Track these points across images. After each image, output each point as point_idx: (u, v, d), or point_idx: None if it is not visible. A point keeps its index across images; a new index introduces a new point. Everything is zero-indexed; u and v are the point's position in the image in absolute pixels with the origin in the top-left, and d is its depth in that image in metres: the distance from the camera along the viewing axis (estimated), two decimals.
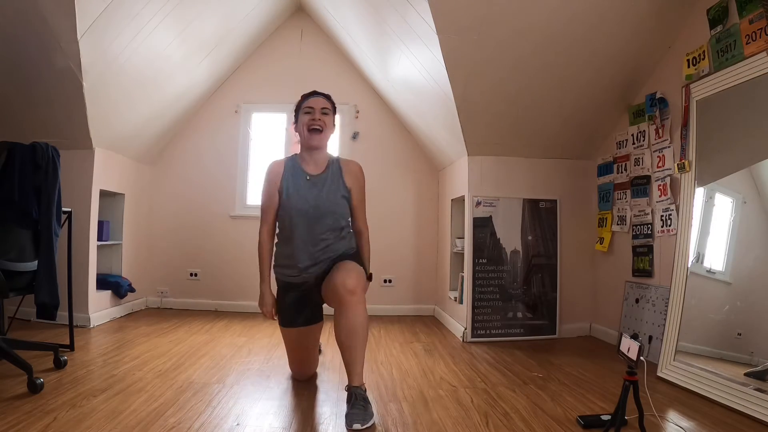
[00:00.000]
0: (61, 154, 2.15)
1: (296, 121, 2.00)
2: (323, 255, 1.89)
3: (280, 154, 4.12)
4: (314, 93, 1.98)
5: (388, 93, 3.94)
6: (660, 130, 2.65)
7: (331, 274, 1.80)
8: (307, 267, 1.89)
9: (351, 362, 1.71)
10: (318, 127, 1.90)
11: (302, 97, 2.02)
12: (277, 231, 2.00)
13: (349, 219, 2.01)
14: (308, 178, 1.93)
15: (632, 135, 2.91)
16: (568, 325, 3.22)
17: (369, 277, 1.95)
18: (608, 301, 3.10)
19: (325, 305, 2.00)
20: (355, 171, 1.99)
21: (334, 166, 1.98)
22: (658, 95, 2.65)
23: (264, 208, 1.99)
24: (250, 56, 4.13)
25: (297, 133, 2.00)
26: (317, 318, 2.02)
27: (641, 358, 1.49)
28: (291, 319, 1.98)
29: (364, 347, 1.73)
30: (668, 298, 2.37)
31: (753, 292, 2.04)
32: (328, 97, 2.00)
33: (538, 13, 2.35)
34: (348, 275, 1.72)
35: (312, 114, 1.91)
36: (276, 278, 2.02)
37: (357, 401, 1.64)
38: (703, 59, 2.32)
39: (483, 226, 3.15)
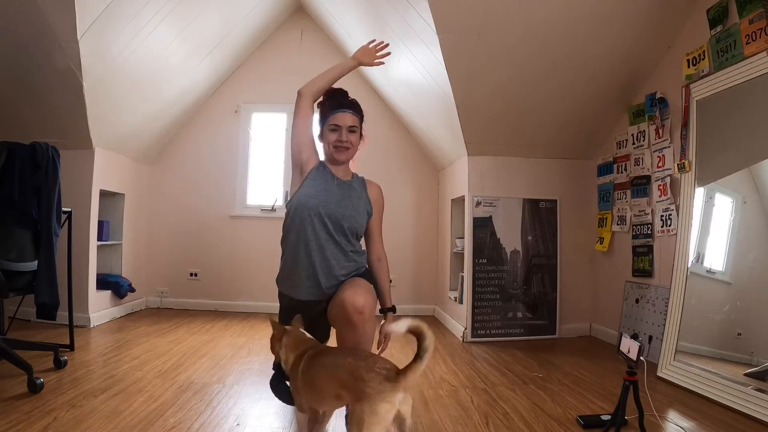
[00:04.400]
0: (61, 154, 2.15)
1: (321, 131, 1.81)
2: (341, 264, 1.70)
3: (280, 154, 4.12)
4: (341, 104, 1.78)
5: (388, 93, 3.94)
6: (660, 130, 2.65)
7: (339, 290, 1.65)
8: (323, 281, 1.68)
9: None
10: (346, 147, 1.76)
11: (325, 96, 1.82)
12: (286, 237, 1.78)
13: (361, 237, 1.83)
14: (336, 181, 1.78)
15: (632, 135, 2.91)
16: (568, 325, 3.22)
17: (393, 310, 1.79)
18: (608, 301, 3.10)
19: None
20: (377, 191, 1.88)
21: (359, 179, 1.87)
22: (658, 95, 2.65)
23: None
24: (250, 56, 4.13)
25: (321, 143, 1.82)
26: (324, 339, 1.84)
27: (641, 358, 1.50)
28: None
29: None
30: (668, 298, 2.37)
31: (753, 292, 2.04)
32: (355, 108, 1.80)
33: (539, 13, 2.35)
34: (357, 292, 1.57)
35: (339, 134, 1.74)
36: (281, 297, 1.82)
37: None
38: (703, 59, 2.32)
39: (483, 226, 3.15)
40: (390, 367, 1.22)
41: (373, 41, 1.91)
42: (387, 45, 1.91)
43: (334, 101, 1.80)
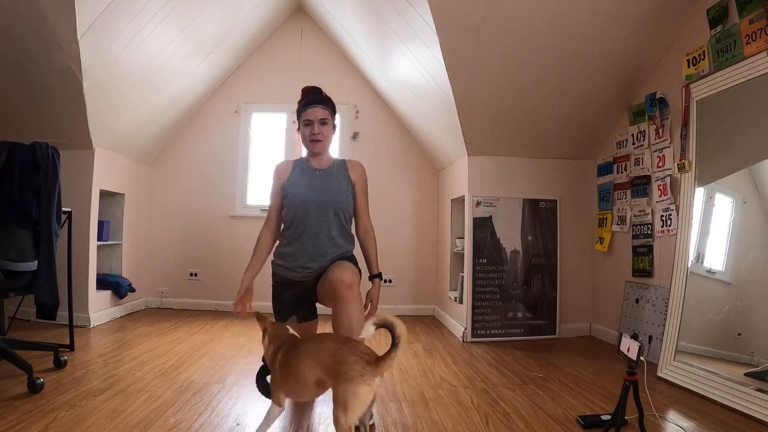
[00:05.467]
0: (61, 154, 2.15)
1: (298, 127, 2.00)
2: (328, 252, 1.88)
3: (280, 154, 4.12)
4: (311, 101, 1.94)
5: (388, 93, 3.94)
6: (660, 130, 2.65)
7: (327, 272, 1.83)
8: (313, 265, 1.87)
9: None
10: (318, 140, 1.92)
11: (302, 95, 1.99)
12: (282, 229, 1.98)
13: (352, 218, 2.00)
14: (317, 172, 1.96)
15: (632, 135, 2.91)
16: (568, 325, 3.22)
17: (379, 276, 1.95)
18: (608, 301, 3.10)
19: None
20: (359, 168, 2.03)
21: (339, 163, 2.02)
22: (658, 95, 2.65)
23: (270, 207, 2.01)
24: (250, 56, 4.13)
25: (300, 137, 2.01)
26: (313, 315, 2.03)
27: (641, 358, 1.50)
28: (289, 316, 1.97)
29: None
30: (668, 298, 2.37)
31: (753, 292, 2.04)
32: (326, 102, 1.97)
33: (539, 13, 2.35)
34: (344, 272, 1.74)
35: (311, 127, 1.92)
36: (274, 274, 2.01)
37: None
38: (703, 59, 2.32)
39: (483, 226, 3.15)
40: (369, 353, 1.32)
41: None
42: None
43: (307, 99, 1.97)
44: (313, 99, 1.95)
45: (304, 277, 1.90)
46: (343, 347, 1.34)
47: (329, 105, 1.98)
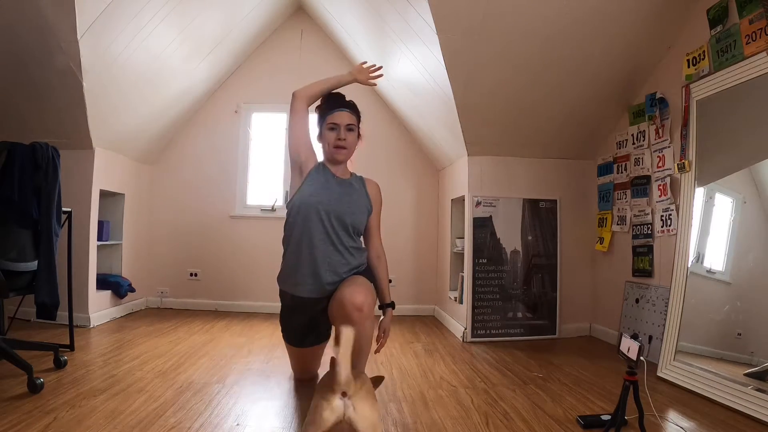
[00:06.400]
0: (61, 154, 2.15)
1: (320, 132, 1.87)
2: (342, 267, 1.74)
3: (280, 154, 4.12)
4: (338, 104, 1.84)
5: (388, 93, 3.94)
6: (660, 130, 2.65)
7: (338, 288, 1.69)
8: (328, 277, 1.72)
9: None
10: (343, 147, 1.81)
11: (325, 101, 1.88)
12: (284, 235, 1.83)
13: (360, 235, 1.88)
14: (336, 180, 1.84)
15: (632, 135, 2.91)
16: (568, 325, 3.22)
17: (392, 306, 1.85)
18: (608, 301, 3.10)
19: None
20: (376, 188, 1.94)
21: (358, 178, 1.93)
22: (658, 95, 2.65)
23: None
24: (250, 56, 4.13)
25: (321, 143, 1.88)
26: (324, 337, 1.91)
27: (641, 358, 1.50)
28: (299, 341, 1.88)
29: (366, 359, 1.71)
30: (668, 298, 2.37)
31: (753, 292, 2.04)
32: (352, 108, 1.87)
33: (539, 13, 2.35)
34: (356, 290, 1.62)
35: (337, 132, 1.80)
36: (282, 295, 1.86)
37: None
38: (703, 59, 2.32)
39: (483, 226, 3.15)
40: (340, 371, 1.17)
41: (365, 62, 2.00)
42: (380, 68, 1.99)
43: (332, 101, 1.85)
44: (340, 102, 1.84)
45: (316, 294, 1.73)
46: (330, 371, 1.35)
47: (356, 111, 1.88)
